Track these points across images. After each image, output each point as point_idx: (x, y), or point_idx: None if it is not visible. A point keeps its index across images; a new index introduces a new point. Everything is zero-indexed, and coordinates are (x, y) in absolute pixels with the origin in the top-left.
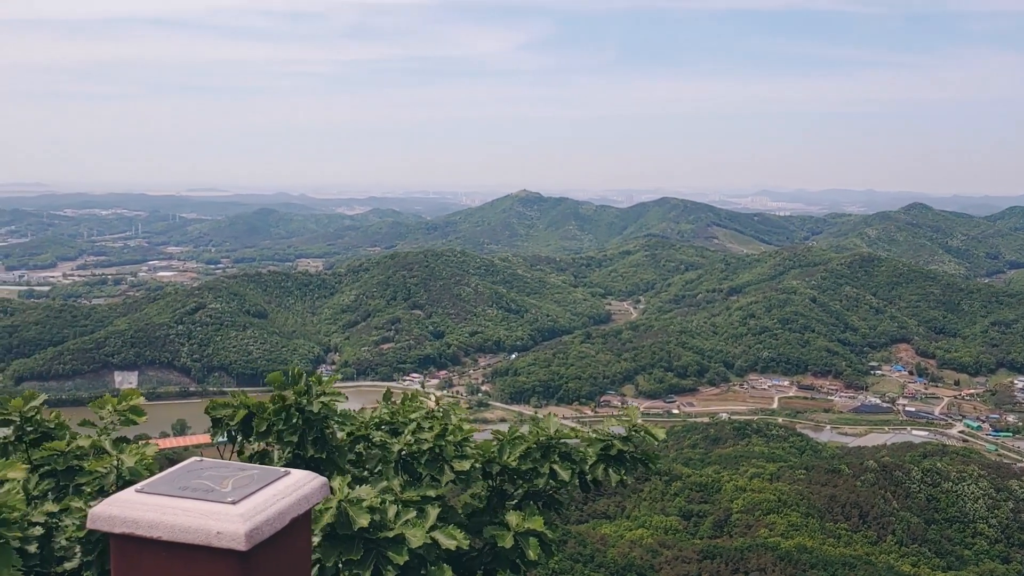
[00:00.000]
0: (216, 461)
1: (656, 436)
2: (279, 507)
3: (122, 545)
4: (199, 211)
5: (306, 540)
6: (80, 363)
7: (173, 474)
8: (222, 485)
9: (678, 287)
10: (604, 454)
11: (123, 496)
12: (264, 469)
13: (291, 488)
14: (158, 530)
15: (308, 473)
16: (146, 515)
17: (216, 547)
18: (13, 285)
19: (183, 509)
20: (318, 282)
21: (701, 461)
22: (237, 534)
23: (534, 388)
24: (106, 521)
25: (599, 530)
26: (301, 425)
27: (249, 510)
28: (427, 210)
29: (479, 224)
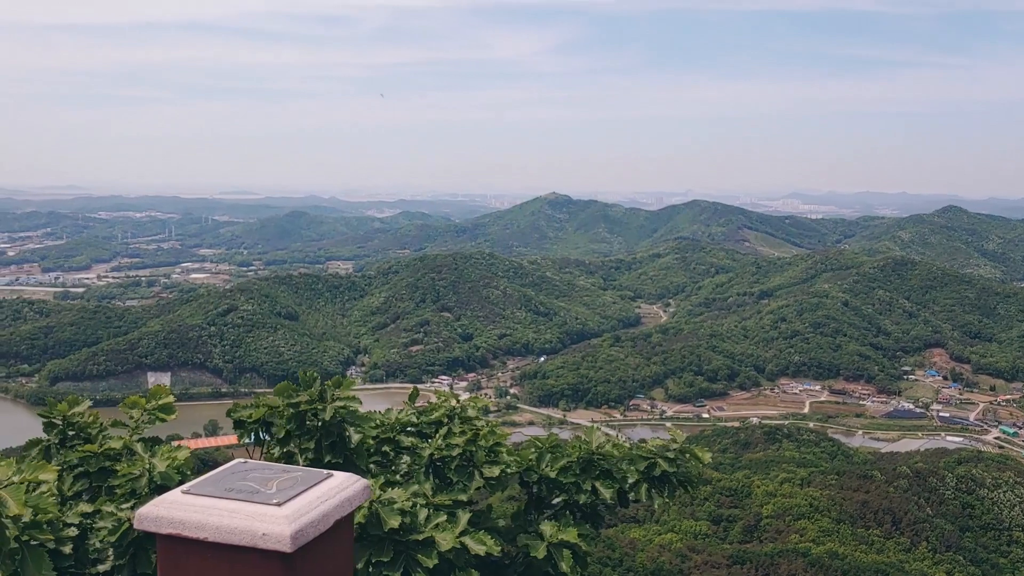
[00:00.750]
0: (260, 463)
1: (701, 459)
2: (323, 509)
3: (168, 546)
4: (231, 214)
5: (348, 542)
6: (114, 364)
7: (218, 475)
8: (267, 487)
9: (708, 290)
10: (647, 473)
11: (170, 497)
12: (307, 471)
13: (334, 490)
14: (204, 531)
15: (351, 475)
16: (193, 516)
17: (261, 548)
18: (49, 286)
19: (229, 510)
20: (348, 284)
21: (731, 466)
22: (283, 536)
23: (563, 391)
24: (153, 522)
25: (628, 534)
26: (317, 431)
27: (294, 512)
28: (456, 213)
29: (508, 227)
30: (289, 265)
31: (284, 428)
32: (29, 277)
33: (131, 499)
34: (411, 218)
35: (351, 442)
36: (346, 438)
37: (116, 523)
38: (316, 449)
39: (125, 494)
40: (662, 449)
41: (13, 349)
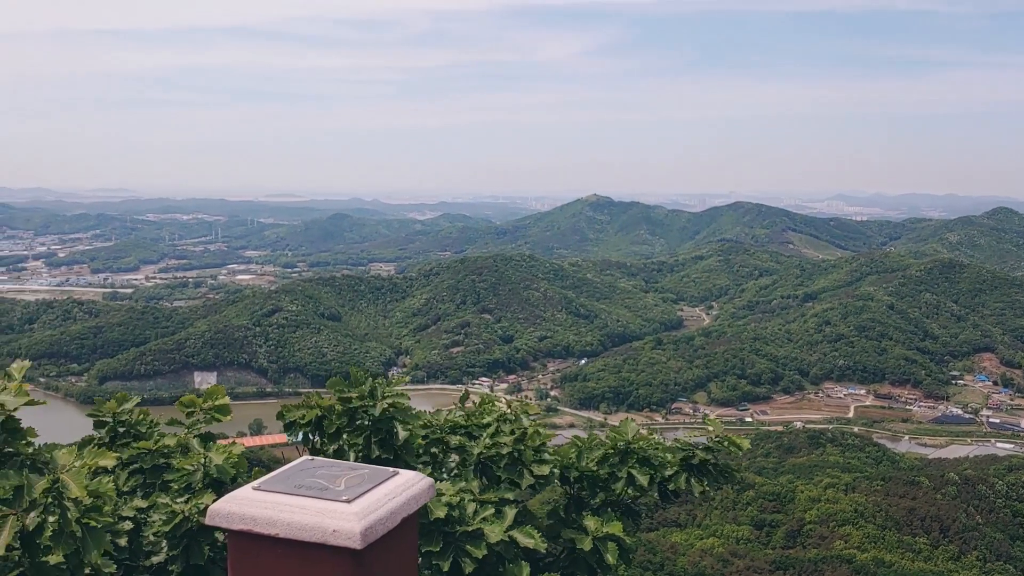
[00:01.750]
0: (327, 460)
1: (740, 446)
2: (391, 506)
3: (240, 541)
4: (276, 216)
5: (414, 540)
6: (161, 363)
7: (287, 472)
8: (335, 484)
9: (752, 293)
10: (686, 463)
11: (241, 493)
12: (374, 469)
13: (401, 488)
14: (275, 527)
15: (416, 474)
16: (264, 512)
17: (331, 545)
18: (98, 287)
19: (299, 507)
20: (390, 286)
21: (774, 470)
22: (353, 532)
23: (604, 394)
24: (225, 518)
25: (669, 538)
26: (367, 427)
27: (363, 509)
28: (497, 215)
29: (548, 229)
30: (332, 267)
31: (336, 424)
32: (79, 278)
33: (186, 493)
34: (452, 220)
35: (398, 438)
36: (394, 434)
37: (170, 515)
38: (365, 445)
39: (180, 489)
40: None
41: (63, 349)
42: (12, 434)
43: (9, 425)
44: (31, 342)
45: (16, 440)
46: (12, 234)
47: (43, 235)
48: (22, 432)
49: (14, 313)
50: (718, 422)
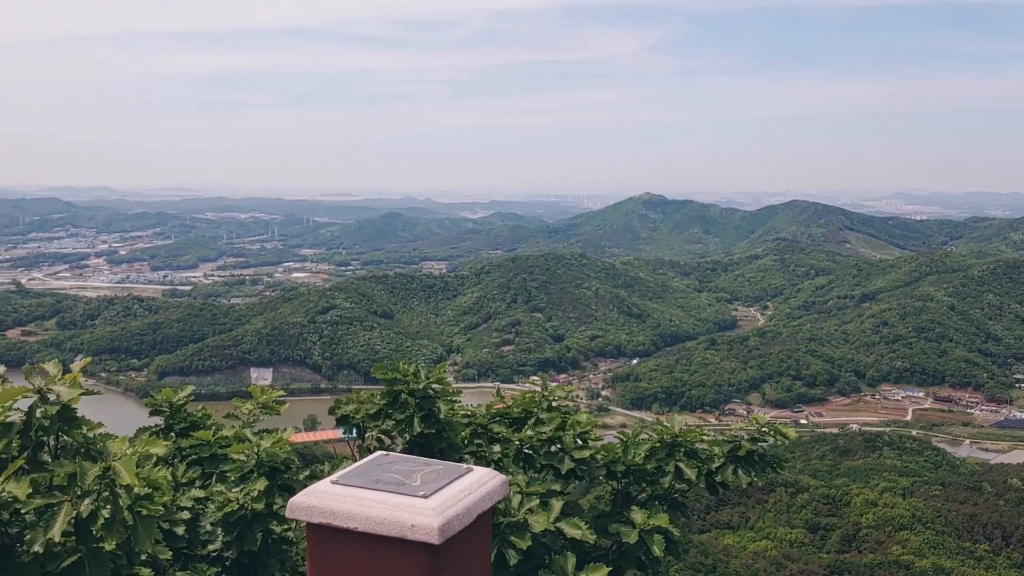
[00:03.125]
0: (401, 455)
1: (787, 436)
2: (467, 502)
3: (318, 534)
4: (331, 215)
5: (487, 536)
6: (219, 359)
7: (364, 467)
8: (411, 479)
9: (808, 293)
10: (732, 455)
11: (320, 487)
12: (448, 465)
13: (476, 484)
14: (354, 521)
15: (490, 471)
16: (343, 506)
17: (409, 539)
18: (158, 284)
19: (378, 501)
20: (441, 284)
21: (829, 473)
22: (431, 528)
23: (656, 394)
24: (305, 511)
25: (721, 540)
26: (412, 405)
27: (440, 504)
28: (548, 213)
29: (601, 227)
30: (385, 265)
31: (379, 405)
32: (139, 275)
33: (242, 483)
34: (503, 219)
35: (440, 413)
36: (436, 410)
37: (224, 503)
38: (408, 421)
39: (236, 479)
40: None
41: (123, 344)
42: (68, 423)
43: (64, 415)
44: (92, 338)
45: (72, 429)
46: (75, 232)
47: (105, 233)
48: (77, 421)
49: (76, 309)
50: (762, 415)
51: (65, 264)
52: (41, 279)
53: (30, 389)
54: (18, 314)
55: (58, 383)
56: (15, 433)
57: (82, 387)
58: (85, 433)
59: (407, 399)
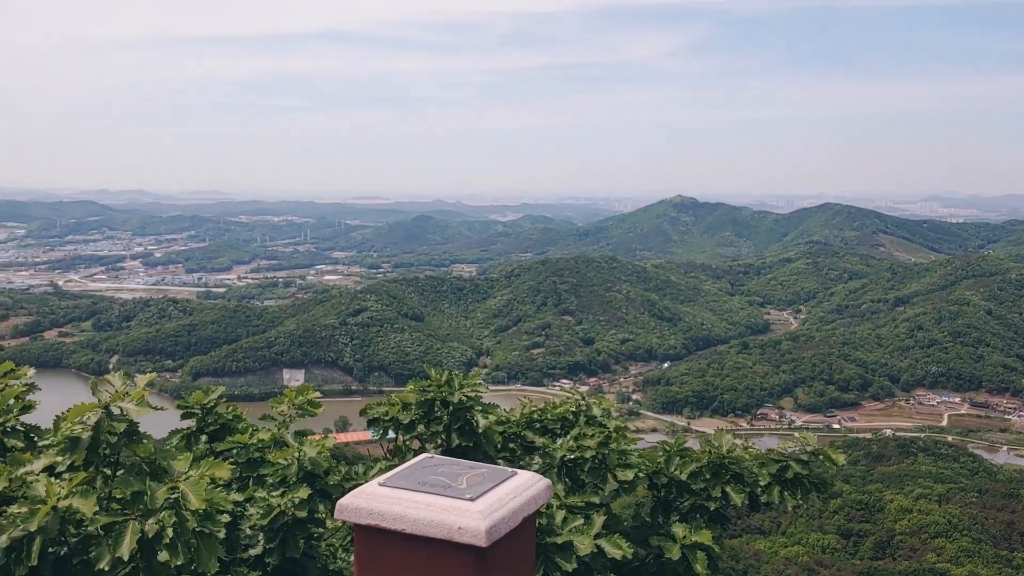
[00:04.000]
0: (446, 458)
1: (835, 461)
2: (512, 506)
3: (366, 536)
4: (362, 218)
5: (532, 540)
6: (252, 361)
7: (410, 469)
8: (457, 482)
9: (841, 296)
10: (779, 476)
11: (368, 489)
12: (493, 468)
13: (521, 488)
14: (402, 523)
15: (534, 475)
16: (391, 508)
17: (456, 542)
18: (192, 286)
19: (425, 503)
20: (471, 287)
21: (862, 478)
22: (478, 530)
23: (687, 398)
24: (353, 512)
25: (753, 545)
26: (446, 417)
27: (487, 507)
28: (578, 216)
29: (631, 230)
30: (415, 268)
31: (411, 416)
32: (174, 277)
33: (281, 487)
34: (533, 221)
35: (478, 427)
36: (473, 423)
37: (267, 508)
38: (445, 434)
39: (275, 482)
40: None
41: (159, 346)
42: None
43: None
44: (128, 339)
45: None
46: (111, 234)
47: (140, 236)
48: (140, 437)
49: (112, 311)
50: (813, 435)
51: (101, 266)
52: (78, 281)
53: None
54: (55, 315)
55: (125, 400)
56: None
57: (149, 406)
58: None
59: (440, 411)
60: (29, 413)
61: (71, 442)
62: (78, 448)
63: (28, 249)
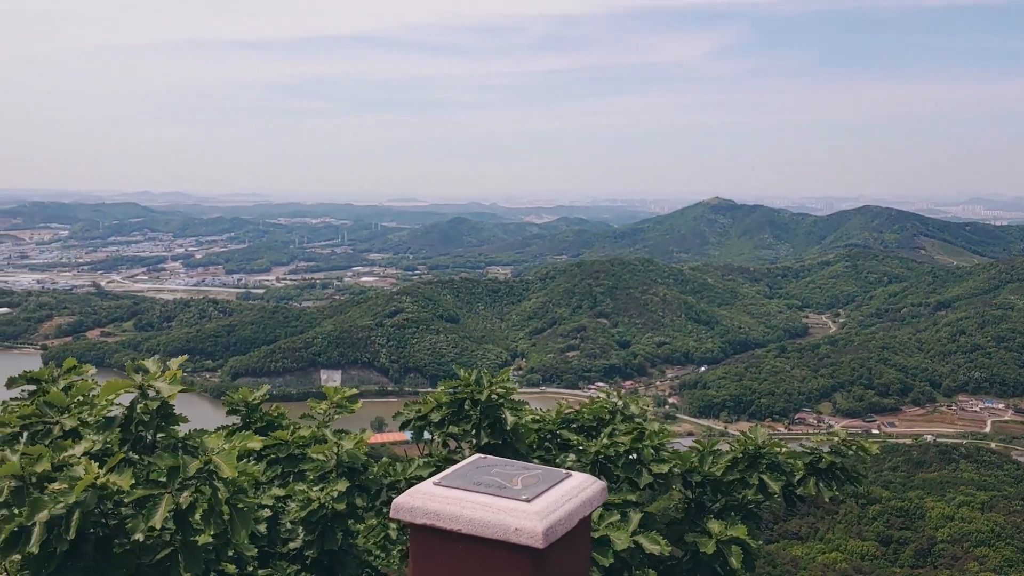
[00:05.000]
0: (499, 459)
1: (868, 451)
2: (569, 508)
3: (421, 535)
4: (398, 220)
5: (587, 542)
6: (290, 361)
7: (464, 469)
8: (512, 482)
9: (881, 300)
10: (812, 467)
11: (423, 488)
12: (547, 470)
13: (576, 490)
14: (458, 523)
15: (589, 476)
16: (447, 508)
17: (513, 543)
18: (232, 287)
19: (481, 504)
20: (506, 289)
21: (902, 485)
22: (535, 532)
23: (724, 402)
24: (408, 512)
25: (790, 551)
26: (475, 415)
27: (543, 508)
28: (614, 218)
29: (668, 232)
30: (451, 269)
31: (441, 414)
32: (214, 278)
33: (321, 482)
34: (569, 224)
35: (507, 424)
36: (502, 421)
37: (306, 502)
38: (475, 432)
39: (315, 478)
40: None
41: (199, 345)
42: (166, 419)
43: (164, 411)
44: (169, 339)
45: (169, 425)
46: (153, 236)
47: (181, 237)
48: (175, 418)
49: (154, 311)
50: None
51: (143, 267)
52: (120, 281)
53: (132, 384)
54: (98, 315)
55: (158, 379)
56: (117, 426)
57: (181, 384)
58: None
59: (470, 409)
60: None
61: (106, 421)
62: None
63: (72, 250)
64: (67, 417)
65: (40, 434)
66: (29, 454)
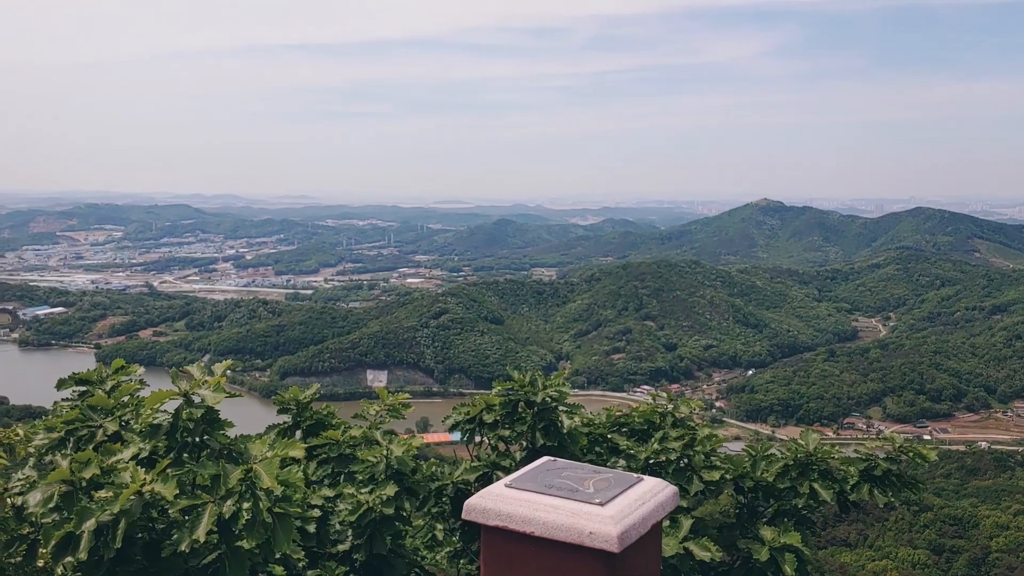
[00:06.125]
0: (568, 462)
1: (926, 457)
2: (642, 512)
3: (493, 537)
4: (444, 222)
5: (659, 547)
6: (337, 361)
7: (535, 471)
8: (584, 485)
9: (933, 304)
10: (867, 473)
11: (495, 490)
12: (618, 473)
13: (649, 494)
14: (531, 525)
15: (661, 481)
16: (519, 510)
17: (587, 546)
18: (281, 288)
19: (554, 507)
20: (551, 291)
21: (955, 492)
22: (610, 536)
23: (771, 406)
24: (481, 513)
25: (838, 558)
26: (530, 418)
27: (618, 512)
28: (661, 220)
29: (715, 234)
30: (496, 271)
31: (494, 416)
32: (264, 279)
33: (370, 484)
34: (615, 225)
35: (562, 427)
36: (558, 423)
37: (356, 505)
38: (530, 434)
39: (365, 480)
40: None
41: (248, 345)
42: (211, 425)
43: (208, 417)
44: (220, 338)
45: (214, 431)
46: (204, 237)
47: (232, 239)
48: (220, 423)
49: (205, 311)
50: (899, 436)
51: (195, 268)
52: (172, 282)
53: (177, 392)
54: (150, 315)
55: (203, 387)
56: (162, 434)
57: (225, 391)
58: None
59: (524, 411)
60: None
61: (151, 428)
62: (158, 434)
63: (125, 251)
64: (110, 421)
65: (85, 438)
66: (78, 460)
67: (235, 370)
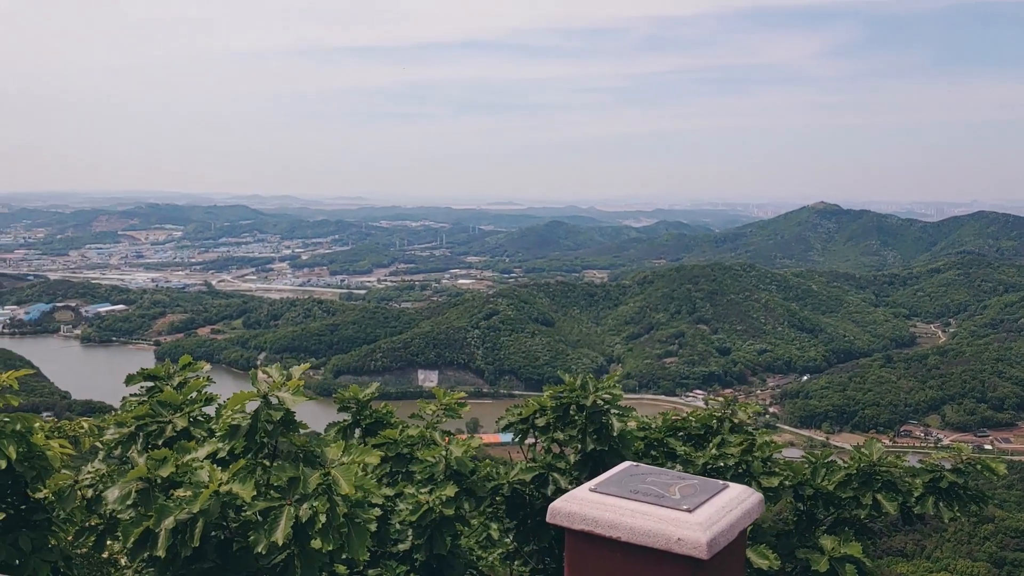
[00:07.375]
0: (653, 467)
1: (996, 471)
2: (730, 519)
3: (578, 541)
4: (495, 223)
5: (743, 555)
6: (389, 360)
7: (619, 476)
8: (669, 492)
9: (995, 310)
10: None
11: (580, 494)
12: (703, 480)
13: (735, 501)
14: (617, 530)
15: (746, 488)
16: (605, 515)
17: (675, 553)
18: (335, 288)
19: (641, 512)
20: (602, 293)
21: (1018, 504)
22: (699, 543)
23: (826, 412)
24: (566, 517)
25: (894, 568)
26: (582, 420)
27: (706, 519)
28: (716, 222)
29: (771, 237)
30: (547, 273)
31: (547, 419)
32: (319, 279)
33: (429, 484)
34: (668, 227)
35: (613, 430)
36: (609, 427)
37: (416, 505)
38: (581, 437)
39: (423, 479)
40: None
41: (303, 344)
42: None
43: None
44: (276, 336)
45: (291, 434)
46: (262, 237)
47: (289, 239)
48: (296, 426)
49: (261, 310)
50: (966, 447)
51: (252, 267)
52: (230, 281)
53: (256, 395)
54: (208, 313)
55: (282, 389)
56: (242, 435)
57: (304, 395)
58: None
59: (575, 414)
60: (211, 405)
61: (231, 429)
62: (237, 435)
63: (185, 250)
64: (179, 416)
65: (154, 434)
66: (154, 458)
67: (290, 368)
